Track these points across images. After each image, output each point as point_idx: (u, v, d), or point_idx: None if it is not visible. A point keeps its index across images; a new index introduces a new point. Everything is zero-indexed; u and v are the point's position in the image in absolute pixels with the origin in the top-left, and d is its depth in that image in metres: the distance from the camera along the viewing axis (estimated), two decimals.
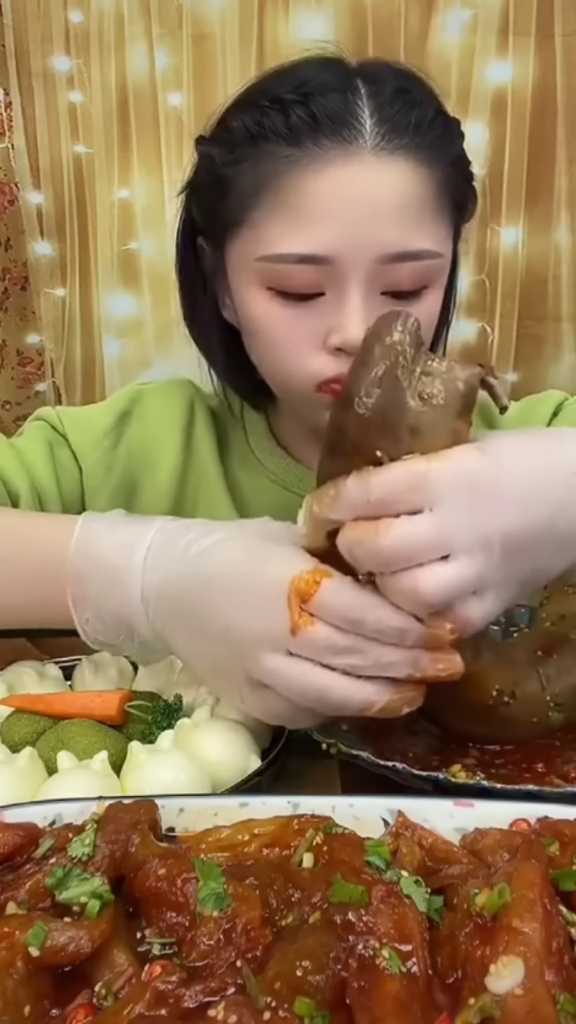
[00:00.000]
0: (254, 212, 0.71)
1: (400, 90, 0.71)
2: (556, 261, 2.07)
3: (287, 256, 0.69)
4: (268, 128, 0.69)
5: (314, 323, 0.71)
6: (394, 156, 0.68)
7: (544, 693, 0.60)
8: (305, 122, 0.68)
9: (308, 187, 0.68)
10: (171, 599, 0.57)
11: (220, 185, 0.73)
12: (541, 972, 0.33)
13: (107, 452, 0.87)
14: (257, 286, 0.72)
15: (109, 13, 2.19)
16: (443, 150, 0.72)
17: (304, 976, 0.34)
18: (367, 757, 0.54)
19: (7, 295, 2.43)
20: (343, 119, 0.68)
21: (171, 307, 2.26)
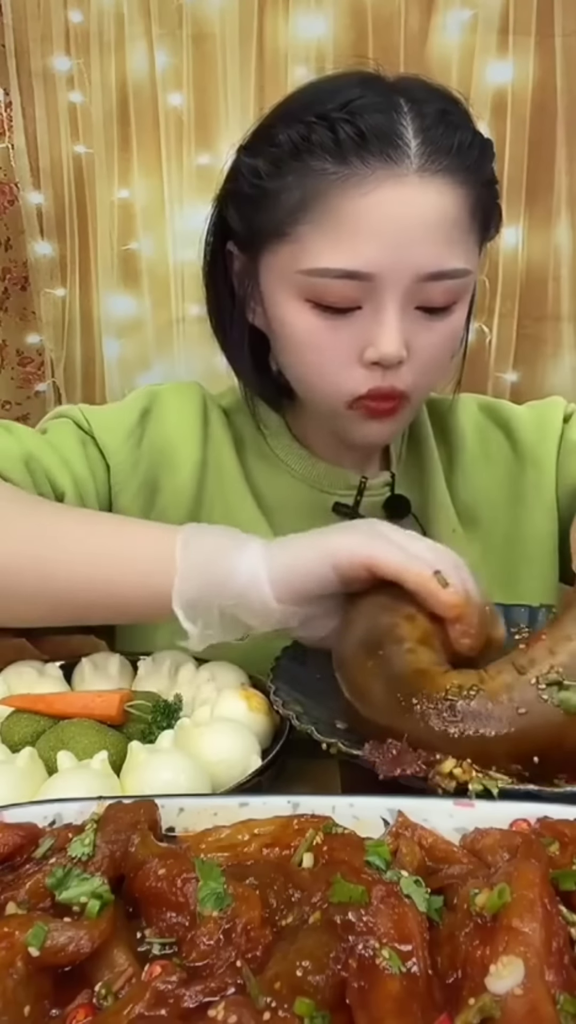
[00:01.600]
0: (299, 227, 0.72)
1: (442, 112, 0.73)
2: (556, 261, 2.07)
3: (330, 271, 0.71)
4: (316, 144, 0.71)
5: (350, 337, 0.74)
6: (436, 177, 0.71)
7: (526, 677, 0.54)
8: (353, 140, 0.70)
9: (354, 205, 0.70)
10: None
11: (263, 197, 0.75)
12: (541, 972, 0.33)
13: (133, 450, 0.88)
14: (296, 298, 0.75)
15: (109, 13, 2.18)
16: (478, 172, 0.74)
17: (304, 976, 0.34)
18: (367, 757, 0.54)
19: (7, 295, 2.42)
20: (389, 139, 0.70)
21: (171, 307, 2.29)
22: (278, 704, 0.61)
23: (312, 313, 0.74)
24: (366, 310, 0.74)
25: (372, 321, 0.73)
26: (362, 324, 0.74)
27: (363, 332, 0.74)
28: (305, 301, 0.74)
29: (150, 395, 0.92)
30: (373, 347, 0.74)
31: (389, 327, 0.73)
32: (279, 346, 0.81)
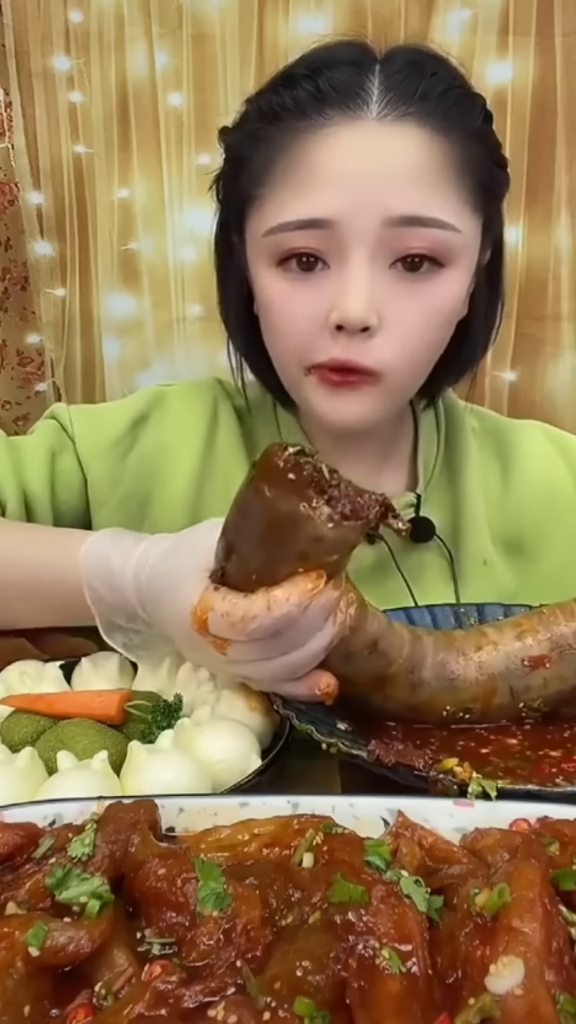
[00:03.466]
0: (265, 187, 0.70)
1: (412, 62, 0.70)
2: (556, 261, 2.07)
3: (289, 224, 0.68)
4: (277, 105, 0.70)
5: (316, 299, 0.69)
6: (402, 123, 0.67)
7: (516, 702, 0.62)
8: (310, 94, 0.68)
9: (310, 156, 0.68)
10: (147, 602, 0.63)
11: (237, 166, 0.73)
12: (541, 972, 0.33)
13: (116, 462, 0.85)
14: (267, 264, 0.72)
15: (109, 13, 2.19)
16: (459, 121, 0.70)
17: (304, 976, 0.34)
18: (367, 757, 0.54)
19: (7, 295, 2.42)
20: (348, 90, 0.67)
21: (171, 307, 2.29)
22: (278, 704, 0.61)
23: (280, 277, 0.71)
24: (333, 268, 0.69)
25: (338, 279, 0.69)
26: (328, 285, 0.69)
27: (330, 291, 0.69)
28: (275, 266, 0.71)
29: (153, 398, 0.89)
30: (337, 309, 0.68)
31: (354, 283, 0.67)
32: (262, 326, 0.77)
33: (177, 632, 0.60)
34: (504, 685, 0.62)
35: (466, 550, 0.88)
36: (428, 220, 0.68)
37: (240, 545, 0.51)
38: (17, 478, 0.81)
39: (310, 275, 0.70)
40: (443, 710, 0.62)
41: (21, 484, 0.81)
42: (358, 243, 0.67)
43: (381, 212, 0.67)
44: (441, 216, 0.68)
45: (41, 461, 0.83)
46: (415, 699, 0.62)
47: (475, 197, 0.71)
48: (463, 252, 0.71)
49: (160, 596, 0.61)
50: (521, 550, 0.91)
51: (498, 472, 0.91)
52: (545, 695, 0.62)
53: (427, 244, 0.68)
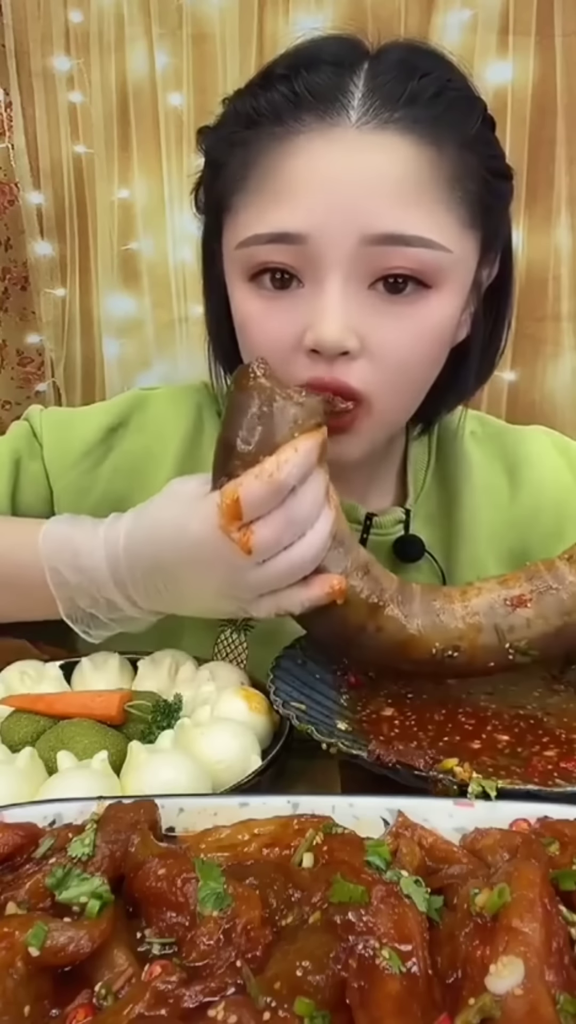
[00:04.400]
0: (238, 196, 0.65)
1: (402, 61, 0.64)
2: (556, 261, 2.07)
3: (259, 237, 0.63)
4: (252, 108, 0.64)
5: (290, 320, 0.65)
6: (384, 131, 0.61)
7: (503, 643, 0.63)
8: (286, 98, 0.62)
9: (282, 165, 0.62)
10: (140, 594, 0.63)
11: (214, 171, 0.69)
12: (541, 972, 0.33)
13: (85, 473, 0.81)
14: (240, 278, 0.67)
15: (109, 13, 2.19)
16: (451, 128, 0.63)
17: (304, 976, 0.34)
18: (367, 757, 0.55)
19: (7, 295, 2.43)
20: (327, 94, 0.62)
21: (171, 307, 2.29)
22: (278, 704, 0.61)
23: (254, 294, 0.66)
24: (308, 287, 0.64)
25: (313, 298, 0.63)
26: (302, 304, 0.64)
27: (304, 311, 0.64)
28: (248, 281, 0.66)
29: (133, 403, 0.85)
30: (311, 330, 0.63)
31: (329, 304, 0.62)
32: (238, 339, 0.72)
33: (187, 575, 0.60)
34: (488, 623, 0.63)
35: (459, 568, 0.85)
36: (411, 239, 0.62)
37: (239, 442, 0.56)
38: None
39: (284, 293, 0.65)
40: (432, 648, 0.63)
41: None
42: (333, 261, 0.62)
43: (357, 229, 0.61)
44: (426, 234, 0.62)
45: (4, 469, 0.80)
46: (404, 632, 0.62)
47: (470, 212, 0.65)
48: (453, 272, 0.65)
49: (155, 552, 0.61)
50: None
51: (505, 481, 0.87)
52: (530, 636, 0.62)
53: (410, 264, 0.63)
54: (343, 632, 0.63)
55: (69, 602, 0.66)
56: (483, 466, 0.87)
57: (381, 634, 0.63)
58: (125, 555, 0.62)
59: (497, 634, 0.63)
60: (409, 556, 0.82)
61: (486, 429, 0.90)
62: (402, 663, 0.64)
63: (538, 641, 0.63)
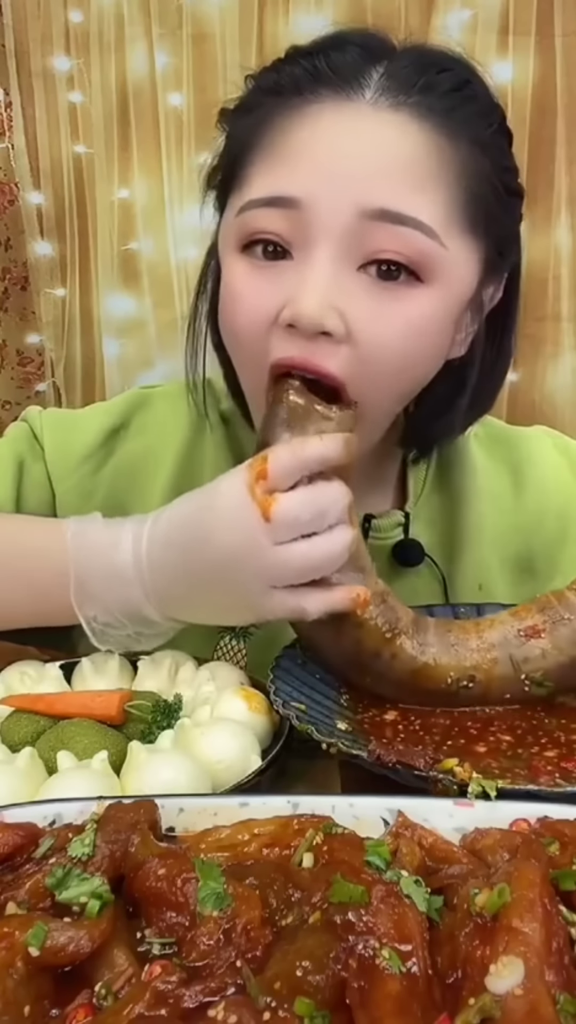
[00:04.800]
0: (247, 167, 0.65)
1: (423, 55, 0.65)
2: (556, 261, 2.07)
3: (256, 200, 0.62)
4: (274, 81, 0.66)
5: (273, 291, 0.62)
6: (396, 111, 0.62)
7: (518, 673, 0.63)
8: (308, 72, 0.63)
9: (292, 132, 0.63)
10: (161, 562, 0.62)
11: (231, 145, 0.69)
12: (541, 972, 0.33)
13: (86, 478, 0.81)
14: (233, 249, 0.65)
15: (109, 13, 2.19)
16: (465, 123, 0.63)
17: (304, 976, 0.34)
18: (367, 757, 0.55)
19: (7, 295, 2.43)
20: (347, 73, 0.63)
21: (171, 307, 2.29)
22: (278, 704, 0.61)
23: (242, 263, 0.64)
24: (297, 258, 0.62)
25: (298, 271, 0.62)
26: (289, 278, 0.62)
27: (289, 287, 0.62)
28: (240, 252, 0.65)
29: (134, 403, 0.84)
30: (291, 304, 0.61)
31: (312, 278, 0.60)
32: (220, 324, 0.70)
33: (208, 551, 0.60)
34: (504, 653, 0.63)
35: (461, 573, 0.84)
36: (406, 218, 0.60)
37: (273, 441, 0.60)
38: None
39: (272, 264, 0.63)
40: (447, 678, 0.63)
41: None
42: (325, 231, 0.60)
43: (355, 200, 0.59)
44: (422, 218, 0.60)
45: (7, 472, 0.79)
46: (419, 660, 0.62)
47: (473, 216, 0.63)
48: (448, 271, 0.63)
49: (181, 526, 0.61)
50: (532, 570, 0.87)
51: (509, 484, 0.86)
52: (545, 667, 0.63)
53: (403, 248, 0.61)
54: (357, 658, 0.63)
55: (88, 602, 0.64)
56: (486, 469, 0.86)
57: (395, 661, 0.63)
58: (150, 536, 0.62)
59: (512, 665, 0.63)
60: (409, 561, 0.81)
61: (488, 431, 0.89)
62: (415, 693, 0.64)
63: (553, 672, 0.63)
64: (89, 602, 0.64)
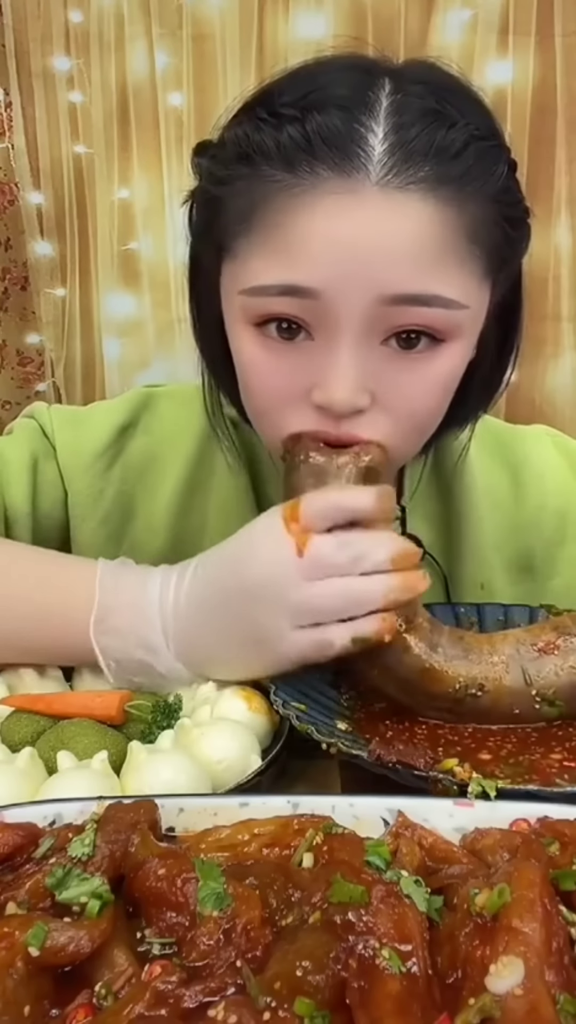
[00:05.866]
0: (241, 240, 0.61)
1: (430, 111, 0.58)
2: (556, 261, 2.08)
3: (269, 288, 0.60)
4: (258, 146, 0.59)
5: (298, 372, 0.62)
6: (406, 191, 0.57)
7: (529, 688, 0.62)
8: (297, 144, 0.57)
9: (296, 219, 0.58)
10: (187, 601, 0.62)
11: (213, 205, 0.64)
12: (541, 972, 0.33)
13: (98, 477, 0.80)
14: (242, 323, 0.64)
15: (109, 13, 2.19)
16: (476, 182, 0.59)
17: (304, 976, 0.34)
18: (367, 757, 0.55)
19: (7, 295, 2.43)
20: (343, 145, 0.57)
21: (171, 307, 2.29)
22: (278, 704, 0.61)
23: (259, 342, 0.63)
24: (318, 341, 0.61)
25: (323, 355, 0.61)
26: (312, 359, 0.61)
27: (313, 369, 0.61)
28: (253, 327, 0.63)
29: (141, 402, 0.83)
30: (321, 389, 0.61)
31: (341, 365, 0.60)
32: (237, 375, 0.69)
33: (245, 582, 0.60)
34: (516, 665, 0.62)
35: (462, 571, 0.84)
36: (429, 298, 0.59)
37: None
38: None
39: (291, 344, 0.62)
40: (455, 683, 0.61)
41: (1, 496, 0.77)
42: (347, 319, 0.59)
43: (374, 289, 0.58)
44: (444, 293, 0.59)
45: (23, 470, 0.78)
46: (430, 660, 0.62)
47: (485, 263, 0.62)
48: (468, 324, 0.63)
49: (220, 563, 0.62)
50: (531, 569, 0.86)
51: (508, 484, 0.86)
52: (557, 684, 0.61)
53: (426, 323, 0.61)
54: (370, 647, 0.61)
55: (106, 634, 0.64)
56: (485, 467, 0.85)
57: (406, 655, 0.61)
58: (179, 576, 0.64)
59: (524, 677, 0.62)
60: None
61: (485, 426, 0.87)
62: (421, 695, 0.63)
63: (565, 691, 0.62)
64: (107, 634, 0.64)
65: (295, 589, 0.58)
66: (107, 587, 0.64)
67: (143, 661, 0.64)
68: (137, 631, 0.63)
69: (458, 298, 0.60)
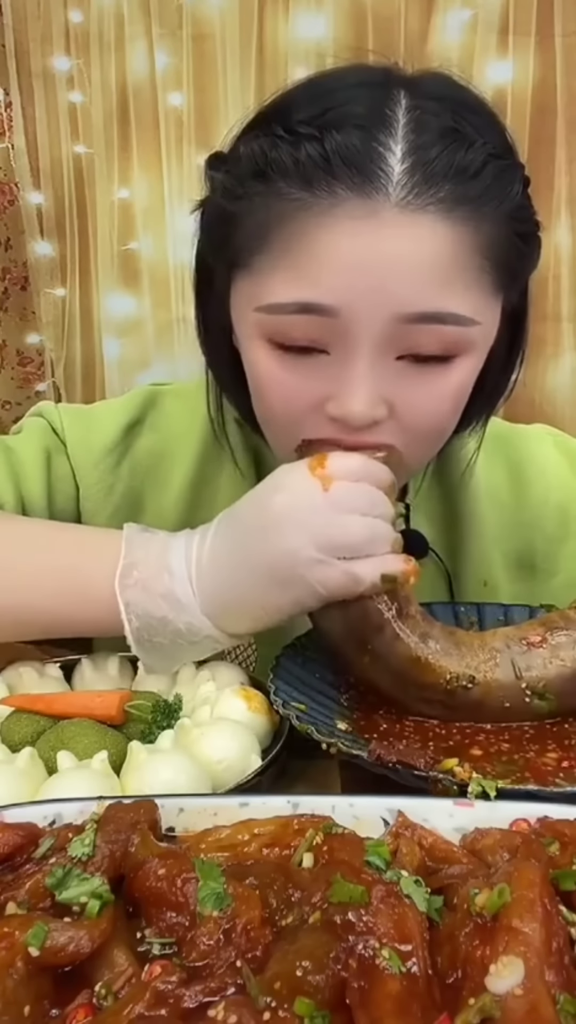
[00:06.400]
0: (257, 257, 0.62)
1: (449, 130, 0.59)
2: (556, 261, 2.07)
3: (286, 306, 0.61)
4: (275, 164, 0.59)
5: (313, 385, 0.64)
6: (425, 212, 0.58)
7: (519, 681, 0.63)
8: (316, 163, 0.58)
9: (317, 239, 0.59)
10: (212, 551, 0.63)
11: (227, 220, 0.64)
12: (541, 972, 0.33)
13: (108, 472, 0.81)
14: (258, 338, 0.64)
15: (109, 13, 2.19)
16: (492, 202, 0.60)
17: (304, 976, 0.34)
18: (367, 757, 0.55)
19: (7, 295, 2.43)
20: (362, 164, 0.57)
21: (171, 307, 2.29)
22: (278, 704, 0.61)
23: (274, 357, 0.64)
24: (334, 356, 0.62)
25: (339, 369, 0.62)
26: (328, 372, 0.63)
27: (328, 381, 0.63)
28: (268, 342, 0.64)
29: (147, 399, 0.84)
30: (336, 401, 0.63)
31: (357, 379, 0.61)
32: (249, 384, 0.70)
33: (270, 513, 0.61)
34: (506, 658, 0.63)
35: (466, 569, 0.84)
36: (446, 316, 0.60)
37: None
38: (14, 482, 0.78)
39: (307, 358, 0.63)
40: (445, 674, 0.62)
41: (19, 488, 0.78)
42: (364, 337, 0.60)
43: (392, 308, 0.59)
44: (458, 311, 0.61)
45: (37, 465, 0.79)
46: (420, 650, 0.62)
47: (497, 279, 0.63)
48: (479, 341, 0.64)
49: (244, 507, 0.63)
50: (532, 567, 0.87)
51: (507, 483, 0.86)
52: (547, 677, 0.62)
53: (440, 342, 0.62)
54: (360, 630, 0.62)
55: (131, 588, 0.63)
56: (485, 466, 0.86)
57: (397, 643, 0.62)
58: (202, 533, 0.64)
59: (514, 670, 0.63)
60: (414, 552, 0.81)
61: (488, 429, 0.87)
62: (412, 686, 0.63)
63: (554, 683, 0.63)
64: (132, 588, 0.63)
65: (321, 516, 0.59)
66: (134, 543, 0.64)
67: (165, 618, 0.63)
68: (163, 583, 0.62)
69: (471, 315, 0.61)
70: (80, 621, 0.67)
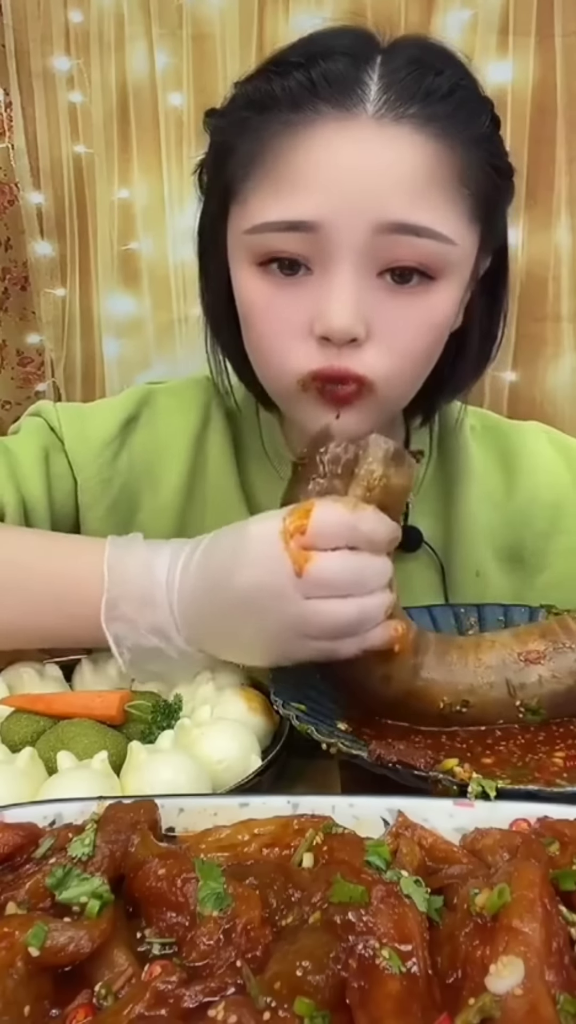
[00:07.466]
0: (247, 183, 0.66)
1: (417, 59, 0.65)
2: (556, 261, 2.07)
3: (270, 224, 0.64)
4: (266, 93, 0.65)
5: (300, 306, 0.66)
6: (399, 124, 0.62)
7: (513, 699, 0.63)
8: (303, 86, 0.63)
9: (298, 153, 0.63)
10: (191, 592, 0.61)
11: (221, 155, 0.69)
12: (541, 972, 0.33)
13: (106, 465, 0.83)
14: (247, 264, 0.67)
15: (109, 13, 2.19)
16: (463, 125, 0.65)
17: (304, 976, 0.34)
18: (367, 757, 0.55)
19: (7, 295, 2.43)
20: (344, 83, 0.62)
21: (171, 307, 2.29)
22: (278, 704, 0.61)
23: (262, 280, 0.67)
24: (317, 274, 0.65)
25: (322, 286, 0.65)
26: (312, 292, 0.65)
27: (314, 301, 0.65)
28: (256, 267, 0.67)
29: (141, 397, 0.86)
30: (321, 319, 0.64)
31: (339, 292, 0.63)
32: (243, 330, 0.72)
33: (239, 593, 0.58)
34: (500, 678, 0.63)
35: (458, 560, 0.86)
36: (422, 229, 0.63)
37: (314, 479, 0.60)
38: (14, 482, 0.79)
39: (292, 279, 0.66)
40: (440, 701, 0.62)
41: (19, 489, 0.79)
42: (345, 249, 0.63)
43: (371, 218, 0.62)
44: (435, 227, 0.64)
45: (36, 464, 0.80)
46: (415, 682, 0.62)
47: (474, 207, 0.67)
48: (457, 264, 0.67)
49: (215, 562, 0.60)
50: (521, 561, 0.88)
51: (501, 477, 0.88)
52: (541, 694, 0.63)
53: (418, 256, 0.65)
54: (348, 679, 0.63)
55: (117, 621, 0.63)
56: (480, 461, 0.87)
57: (391, 683, 0.62)
58: (184, 563, 0.62)
59: (508, 690, 0.63)
60: (408, 546, 0.83)
61: (484, 422, 0.91)
62: (411, 716, 0.63)
63: (547, 700, 0.63)
64: (117, 622, 0.63)
65: (293, 605, 0.56)
66: (115, 573, 0.63)
67: (155, 647, 0.63)
68: (147, 618, 0.63)
69: (448, 233, 0.64)
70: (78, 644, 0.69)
